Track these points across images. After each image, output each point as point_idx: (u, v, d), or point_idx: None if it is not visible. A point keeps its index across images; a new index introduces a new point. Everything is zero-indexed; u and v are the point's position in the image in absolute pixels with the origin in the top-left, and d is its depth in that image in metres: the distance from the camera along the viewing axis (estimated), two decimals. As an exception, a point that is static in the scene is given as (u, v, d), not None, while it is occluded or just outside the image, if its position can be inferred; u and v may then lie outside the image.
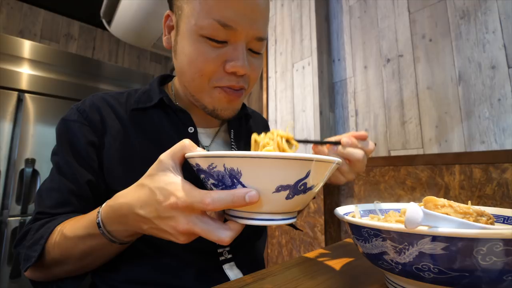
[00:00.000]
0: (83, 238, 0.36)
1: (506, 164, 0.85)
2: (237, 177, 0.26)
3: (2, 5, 2.11)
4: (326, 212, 1.23)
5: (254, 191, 0.26)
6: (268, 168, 0.25)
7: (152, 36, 2.14)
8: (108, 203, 0.34)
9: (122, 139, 0.47)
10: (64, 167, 0.44)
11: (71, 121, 0.47)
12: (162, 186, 0.28)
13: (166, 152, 0.30)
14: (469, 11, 0.98)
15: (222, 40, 0.41)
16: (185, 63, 0.44)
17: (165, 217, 0.28)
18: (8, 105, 1.48)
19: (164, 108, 0.51)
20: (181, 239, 0.29)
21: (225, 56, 0.42)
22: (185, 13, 0.43)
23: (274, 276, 0.39)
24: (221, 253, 0.48)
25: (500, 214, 0.36)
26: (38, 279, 0.41)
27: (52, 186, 0.44)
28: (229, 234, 0.28)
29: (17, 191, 1.44)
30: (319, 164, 0.27)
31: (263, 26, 0.44)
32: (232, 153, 0.25)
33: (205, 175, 0.29)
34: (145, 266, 0.44)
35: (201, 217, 0.28)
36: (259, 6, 0.42)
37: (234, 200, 0.26)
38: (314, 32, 1.38)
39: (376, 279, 0.37)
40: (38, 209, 0.43)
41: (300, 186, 0.27)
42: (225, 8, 0.40)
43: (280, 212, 0.29)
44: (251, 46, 0.44)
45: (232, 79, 0.44)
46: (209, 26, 0.40)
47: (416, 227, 0.23)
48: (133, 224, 0.31)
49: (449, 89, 1.01)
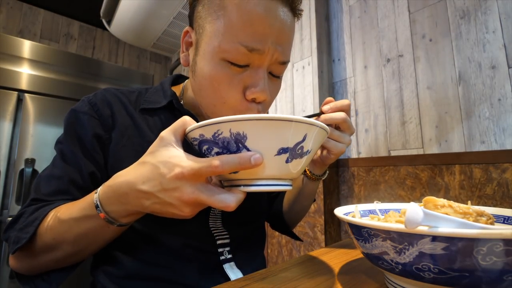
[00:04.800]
0: (79, 220, 0.36)
1: (506, 164, 0.85)
2: (243, 141, 0.28)
3: (2, 5, 2.11)
4: (326, 212, 1.23)
5: (258, 154, 0.28)
6: (273, 130, 0.27)
7: (152, 36, 2.15)
8: (106, 183, 0.34)
9: (130, 137, 0.47)
10: (69, 156, 0.44)
11: (81, 112, 0.46)
12: (165, 160, 0.29)
13: (167, 129, 0.31)
14: (469, 11, 0.98)
15: (244, 64, 0.40)
16: (205, 86, 0.43)
17: (169, 188, 0.28)
18: (8, 105, 1.48)
19: (173, 110, 0.51)
20: (185, 211, 0.29)
21: (246, 81, 0.41)
22: (207, 33, 0.41)
23: (274, 276, 0.39)
24: (221, 252, 0.48)
25: (500, 214, 0.36)
26: (23, 269, 0.40)
27: (53, 174, 0.43)
28: (234, 199, 0.28)
29: (17, 191, 1.44)
30: (316, 129, 0.30)
31: (288, 50, 0.42)
32: (239, 117, 0.27)
33: (209, 144, 0.29)
34: (146, 263, 0.44)
35: (206, 184, 0.29)
36: (285, 29, 0.40)
37: (241, 161, 0.27)
38: (314, 32, 1.37)
39: (376, 279, 0.37)
40: (34, 195, 0.42)
41: (298, 150, 0.29)
42: (252, 32, 0.38)
43: (279, 177, 0.31)
44: (272, 70, 0.43)
45: (253, 107, 0.42)
46: (234, 50, 0.38)
47: (416, 227, 0.23)
48: (134, 202, 0.31)
49: (449, 89, 1.01)
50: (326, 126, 0.31)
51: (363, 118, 1.28)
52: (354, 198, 1.25)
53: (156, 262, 0.44)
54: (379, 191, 1.15)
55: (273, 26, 0.39)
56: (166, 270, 0.44)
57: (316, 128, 0.30)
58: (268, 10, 0.38)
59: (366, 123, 1.26)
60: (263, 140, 0.28)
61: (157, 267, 0.44)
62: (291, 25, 0.42)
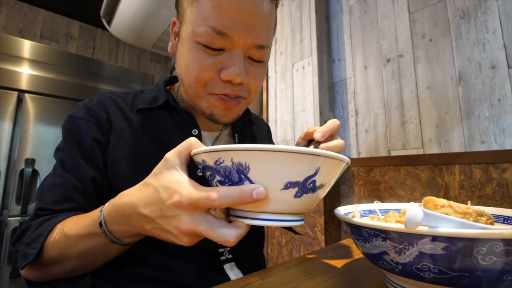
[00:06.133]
0: (83, 237, 0.36)
1: (506, 164, 0.85)
2: (245, 172, 0.26)
3: (2, 5, 2.11)
4: (326, 212, 1.23)
5: (262, 187, 0.25)
6: (277, 163, 0.25)
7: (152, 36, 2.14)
8: (112, 202, 0.34)
9: (128, 138, 0.47)
10: (69, 163, 0.44)
11: (77, 118, 0.47)
12: (166, 184, 0.28)
13: (172, 151, 0.30)
14: (469, 11, 0.98)
15: (218, 47, 0.40)
16: (183, 69, 0.44)
17: (168, 216, 0.27)
18: (8, 105, 1.48)
19: (169, 109, 0.51)
20: (184, 241, 0.28)
21: (220, 63, 0.41)
22: (185, 20, 0.43)
23: (274, 276, 0.39)
24: (222, 253, 0.48)
25: (500, 214, 0.36)
26: (34, 278, 0.41)
27: (55, 182, 0.43)
28: (235, 234, 0.27)
29: (17, 191, 1.44)
30: (328, 160, 0.26)
31: (264, 33, 0.42)
32: (240, 147, 0.25)
33: (211, 171, 0.28)
34: (146, 264, 0.44)
35: (206, 215, 0.27)
36: (259, 13, 0.40)
37: (241, 196, 0.25)
38: (314, 32, 1.37)
39: (376, 279, 0.37)
40: (39, 205, 0.43)
41: (309, 184, 0.26)
42: (221, 15, 0.39)
43: (287, 212, 0.28)
44: (251, 54, 0.43)
45: (227, 87, 0.42)
46: (205, 33, 0.39)
47: (416, 227, 0.23)
48: (136, 224, 0.31)
49: (449, 89, 1.01)
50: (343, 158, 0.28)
51: (363, 118, 1.28)
52: (354, 198, 1.25)
53: (156, 263, 0.44)
54: (379, 191, 1.15)
55: (244, 9, 0.39)
56: (165, 272, 0.44)
57: (332, 161, 0.27)
58: None
59: (366, 123, 1.26)
60: (268, 172, 0.25)
61: (156, 268, 0.43)
62: (268, 9, 0.42)
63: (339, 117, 1.38)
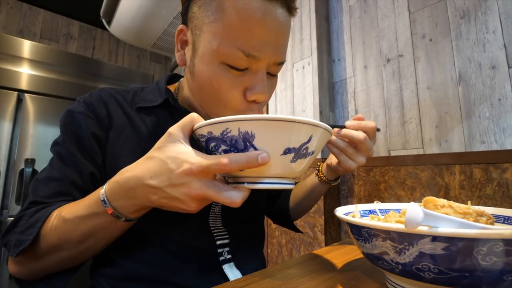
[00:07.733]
0: (85, 218, 0.35)
1: (506, 164, 0.85)
2: (251, 140, 0.28)
3: (2, 4, 2.11)
4: (326, 212, 1.23)
5: (265, 153, 0.28)
6: (279, 130, 0.28)
7: (152, 36, 2.14)
8: (112, 179, 0.34)
9: (127, 136, 0.47)
10: (67, 157, 0.44)
11: (77, 112, 0.46)
12: (173, 156, 0.30)
13: (175, 125, 0.32)
14: (469, 11, 0.98)
15: (244, 68, 0.41)
16: (205, 88, 0.43)
17: (177, 184, 0.29)
18: (7, 105, 1.48)
19: (169, 108, 0.51)
20: (192, 206, 0.30)
21: (245, 83, 0.42)
22: (204, 36, 0.41)
23: (274, 276, 0.39)
24: (221, 253, 0.48)
25: (500, 214, 0.36)
26: (22, 274, 0.40)
27: (52, 176, 0.43)
28: (240, 195, 0.29)
29: (16, 191, 1.44)
30: (320, 130, 0.31)
31: (285, 50, 0.43)
32: (248, 117, 0.28)
33: (217, 142, 0.30)
34: (145, 263, 0.43)
35: (213, 181, 0.30)
36: (283, 32, 0.41)
37: (249, 160, 0.28)
38: (314, 31, 1.37)
39: (376, 279, 0.37)
40: (32, 198, 0.42)
41: (303, 150, 0.30)
42: (252, 37, 0.38)
43: (283, 176, 0.32)
44: (270, 70, 0.44)
45: (254, 107, 0.43)
46: (232, 55, 0.39)
47: (416, 227, 0.23)
48: (141, 196, 0.32)
49: (449, 89, 1.01)
50: (330, 128, 0.32)
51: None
52: (354, 198, 1.25)
53: (155, 263, 0.44)
54: (379, 191, 1.15)
55: (271, 30, 0.39)
56: (164, 272, 0.43)
57: (321, 130, 0.31)
58: (267, 14, 0.38)
59: (366, 123, 1.26)
60: (271, 140, 0.28)
61: (155, 268, 0.43)
62: (288, 26, 0.43)
63: (339, 117, 1.38)
